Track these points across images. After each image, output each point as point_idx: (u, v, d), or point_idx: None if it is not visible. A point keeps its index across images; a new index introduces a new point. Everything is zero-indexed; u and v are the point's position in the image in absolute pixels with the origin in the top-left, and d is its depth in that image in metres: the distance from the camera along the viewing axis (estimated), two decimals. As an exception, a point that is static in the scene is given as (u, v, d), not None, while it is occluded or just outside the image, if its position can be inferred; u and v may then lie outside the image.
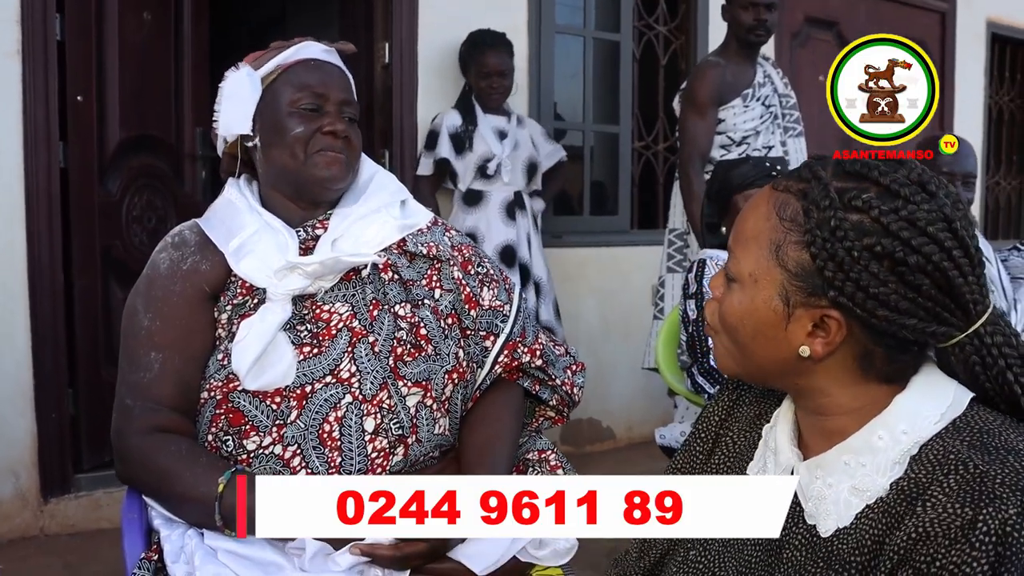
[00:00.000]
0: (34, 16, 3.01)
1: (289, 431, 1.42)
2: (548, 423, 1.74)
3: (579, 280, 4.38)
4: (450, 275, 1.60)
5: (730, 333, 1.02)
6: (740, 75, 3.52)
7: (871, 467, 0.95)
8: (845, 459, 0.97)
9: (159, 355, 1.45)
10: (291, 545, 1.35)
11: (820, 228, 0.92)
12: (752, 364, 1.02)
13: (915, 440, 0.94)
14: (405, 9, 3.85)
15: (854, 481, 0.96)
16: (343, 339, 1.47)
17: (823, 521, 0.97)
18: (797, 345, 0.96)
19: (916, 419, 0.95)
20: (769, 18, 3.45)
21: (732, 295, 1.01)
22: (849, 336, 0.95)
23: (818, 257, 0.92)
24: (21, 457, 3.07)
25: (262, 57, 1.57)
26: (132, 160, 3.44)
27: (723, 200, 2.51)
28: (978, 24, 6.14)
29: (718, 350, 1.06)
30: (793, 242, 0.95)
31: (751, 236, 0.99)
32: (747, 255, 0.99)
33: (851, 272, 0.91)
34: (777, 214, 0.97)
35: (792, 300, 0.95)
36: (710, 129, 3.47)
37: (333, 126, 1.52)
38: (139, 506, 1.49)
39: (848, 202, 0.93)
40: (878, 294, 0.91)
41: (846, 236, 0.91)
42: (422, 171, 3.68)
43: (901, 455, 0.94)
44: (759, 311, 0.98)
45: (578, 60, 4.58)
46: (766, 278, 0.97)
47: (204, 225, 1.56)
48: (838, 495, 0.97)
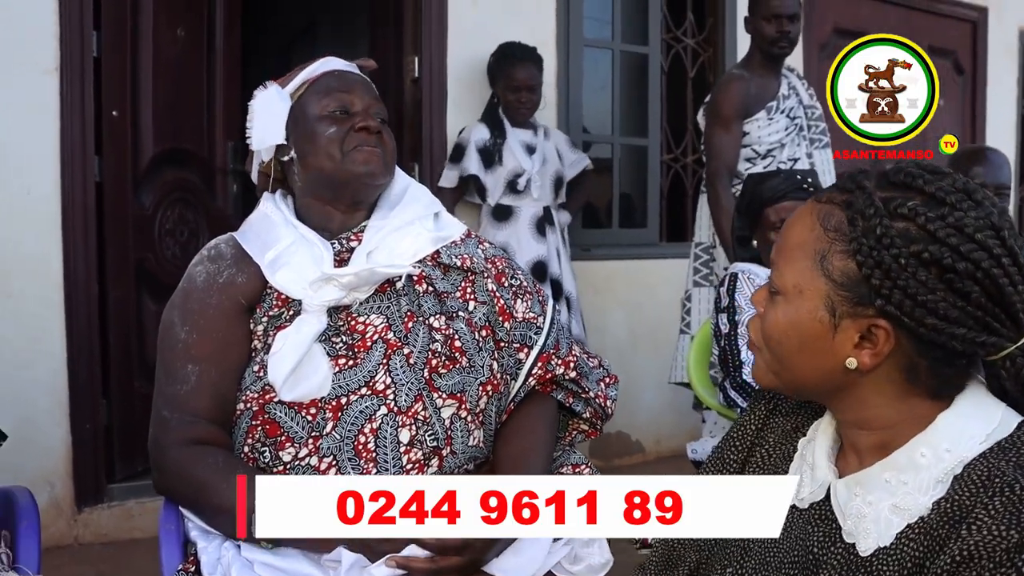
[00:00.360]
0: (71, 33, 3.07)
1: (325, 442, 1.42)
2: (581, 436, 1.74)
3: (607, 293, 4.37)
4: (484, 287, 1.60)
5: (774, 348, 1.01)
6: (765, 87, 3.50)
7: (913, 485, 0.94)
8: (886, 476, 0.96)
9: (196, 367, 1.47)
10: (327, 558, 1.36)
11: (866, 236, 0.92)
12: (795, 379, 1.01)
13: (959, 459, 0.92)
14: (435, 23, 3.87)
15: (895, 499, 0.94)
16: (378, 351, 1.47)
17: (863, 540, 0.95)
18: (843, 357, 0.95)
19: (960, 438, 0.93)
20: (792, 30, 3.44)
21: (776, 308, 1.00)
22: (896, 347, 0.93)
23: (864, 265, 0.92)
24: (56, 467, 3.10)
25: (287, 77, 1.63)
26: (165, 174, 3.49)
27: (754, 213, 2.50)
28: (1010, 34, 6.09)
29: (759, 367, 1.05)
30: (838, 251, 0.94)
31: (795, 247, 0.98)
32: (791, 267, 0.98)
33: (898, 279, 0.90)
34: (821, 224, 0.96)
35: (838, 311, 0.94)
36: (736, 142, 3.46)
37: (365, 122, 1.55)
38: (176, 517, 1.50)
39: (894, 210, 0.92)
40: (926, 302, 0.90)
41: (892, 243, 0.90)
42: (445, 183, 3.66)
43: (944, 474, 0.92)
44: (804, 323, 0.97)
45: (606, 73, 4.59)
46: (811, 289, 0.96)
47: (240, 238, 1.57)
48: (878, 513, 0.95)
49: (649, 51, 4.61)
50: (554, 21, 4.22)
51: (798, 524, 1.03)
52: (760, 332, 1.03)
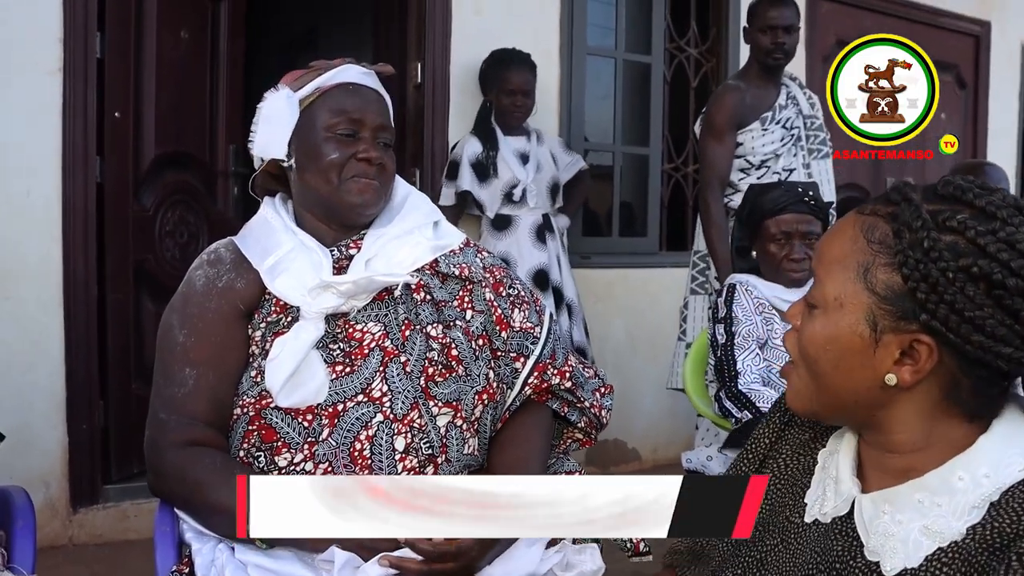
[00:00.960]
0: (75, 34, 3.07)
1: (320, 448, 1.43)
2: (576, 445, 1.75)
3: (607, 301, 4.38)
4: (482, 296, 1.61)
5: (810, 363, 0.98)
6: (761, 98, 3.51)
7: (947, 508, 0.91)
8: (919, 497, 0.93)
9: (194, 371, 1.48)
10: (320, 558, 1.36)
11: (913, 248, 0.89)
12: (830, 397, 0.98)
13: (996, 486, 0.89)
14: (438, 30, 3.88)
15: (926, 521, 0.91)
16: (375, 358, 1.48)
17: (888, 559, 0.92)
18: (883, 373, 0.92)
19: (1000, 464, 0.90)
20: (787, 41, 3.46)
21: (814, 322, 0.97)
22: (938, 365, 0.91)
23: (910, 279, 0.89)
24: (52, 467, 3.11)
25: (302, 78, 1.59)
26: (166, 176, 3.49)
27: (754, 224, 2.51)
28: (1012, 47, 6.10)
29: (794, 389, 1.02)
30: (883, 264, 0.92)
31: (836, 259, 0.96)
32: (832, 279, 0.96)
33: (945, 294, 0.87)
34: (865, 236, 0.94)
35: (880, 325, 0.92)
36: (729, 153, 3.47)
37: (368, 153, 1.53)
38: (171, 519, 1.51)
39: (942, 223, 0.89)
40: (973, 318, 0.87)
41: (940, 256, 0.87)
42: (444, 201, 3.64)
43: (981, 500, 0.89)
44: (844, 337, 0.94)
45: (609, 82, 4.60)
46: (853, 302, 0.93)
47: (240, 243, 1.58)
48: (908, 534, 0.92)
49: (652, 60, 4.62)
50: (558, 29, 4.23)
51: (819, 538, 1.01)
52: (796, 347, 1.01)
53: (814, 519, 1.03)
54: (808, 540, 1.02)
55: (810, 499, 1.05)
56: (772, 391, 2.31)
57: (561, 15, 4.23)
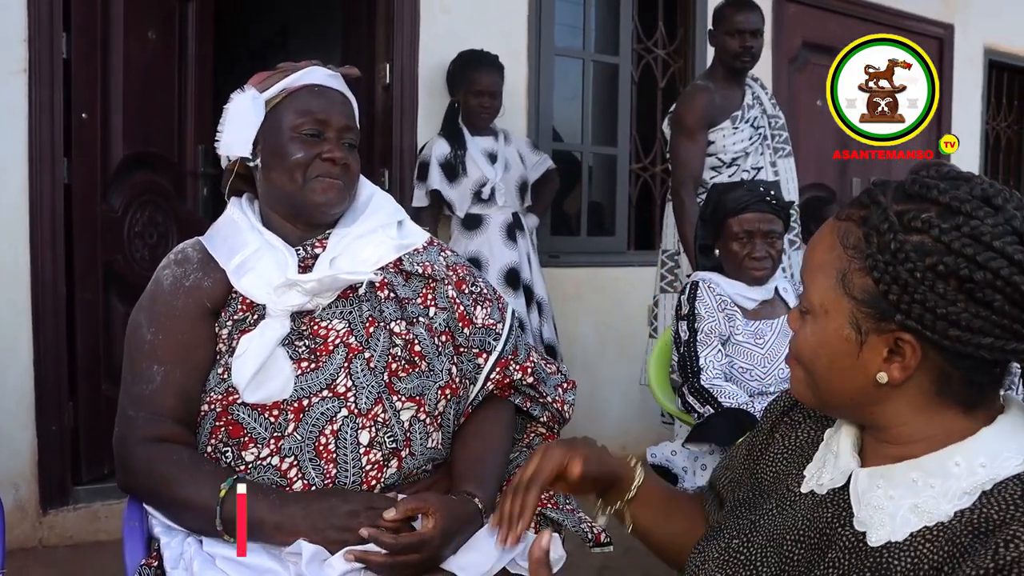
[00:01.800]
0: (41, 35, 3.06)
1: (286, 443, 1.45)
2: (539, 439, 1.78)
3: (576, 300, 4.41)
4: (444, 294, 1.64)
5: (807, 366, 1.02)
6: (729, 98, 3.57)
7: (939, 491, 0.94)
8: (914, 476, 0.96)
9: (161, 368, 1.49)
10: (287, 551, 1.39)
11: (881, 252, 0.92)
12: (830, 395, 1.02)
13: (991, 476, 0.92)
14: (407, 31, 3.90)
15: (918, 500, 0.94)
16: (340, 355, 1.51)
17: (875, 531, 0.96)
18: (874, 372, 0.96)
19: (997, 456, 0.93)
20: (754, 45, 3.52)
21: (806, 328, 1.01)
22: (924, 360, 0.94)
23: (881, 281, 0.92)
24: (21, 469, 3.10)
25: (268, 79, 1.61)
26: (135, 176, 3.49)
27: (717, 223, 2.55)
28: (975, 50, 6.20)
29: (797, 381, 1.06)
30: (856, 269, 0.95)
31: (818, 267, 1.00)
32: (816, 286, 0.99)
33: (916, 294, 0.90)
34: (840, 243, 0.97)
35: (863, 327, 0.95)
36: (701, 152, 3.52)
37: (332, 153, 1.56)
38: (140, 514, 1.53)
39: (908, 223, 0.92)
40: (947, 314, 0.90)
41: (907, 258, 0.90)
42: (416, 203, 3.65)
43: (973, 487, 0.92)
44: (832, 341, 0.98)
45: (577, 82, 4.64)
46: (836, 307, 0.97)
47: (206, 243, 1.60)
48: (897, 509, 0.95)
49: (620, 61, 4.66)
50: (526, 30, 4.26)
51: (811, 507, 1.05)
52: (794, 351, 1.05)
53: (810, 490, 1.07)
54: (801, 508, 1.06)
55: (809, 471, 1.09)
56: (734, 387, 2.35)
57: (529, 16, 4.26)
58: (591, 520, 1.60)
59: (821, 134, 5.29)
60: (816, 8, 5.36)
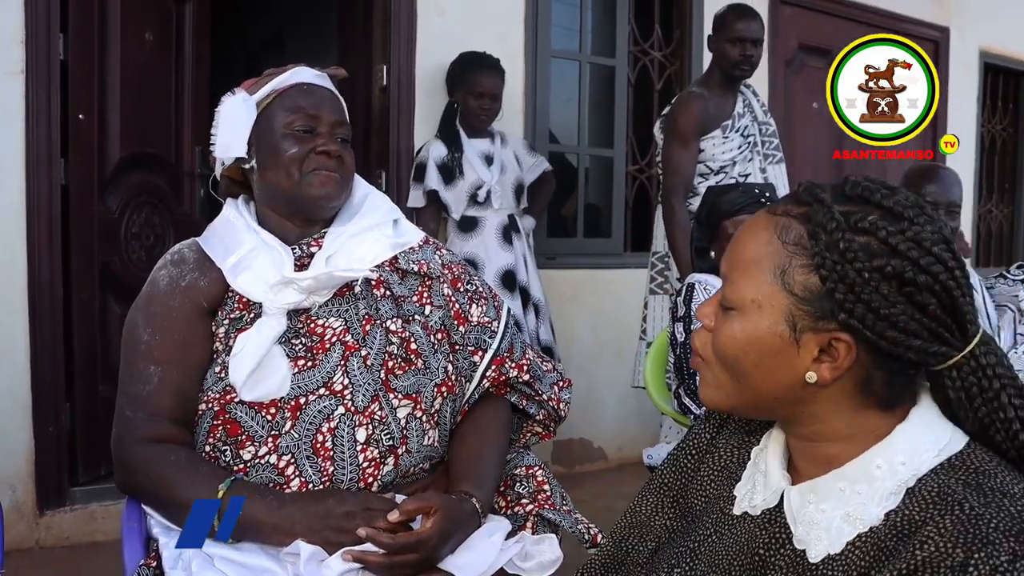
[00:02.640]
0: (38, 35, 3.06)
1: (284, 441, 1.46)
2: (535, 438, 1.79)
3: (573, 302, 4.41)
4: (440, 292, 1.65)
5: (728, 363, 0.99)
6: (721, 106, 3.58)
7: (867, 495, 0.94)
8: (840, 486, 0.96)
9: (158, 368, 1.50)
10: (285, 551, 1.39)
11: (829, 250, 0.91)
12: (749, 394, 0.99)
13: (912, 472, 0.93)
14: (403, 33, 3.90)
15: (848, 508, 0.95)
16: (336, 353, 1.51)
17: (813, 546, 0.96)
18: (803, 371, 0.95)
19: (914, 452, 0.94)
20: (755, 54, 3.52)
21: (731, 323, 0.98)
22: (854, 360, 0.94)
23: (828, 279, 0.91)
24: (18, 470, 3.09)
25: (257, 83, 1.64)
26: (131, 177, 3.49)
27: (712, 225, 2.56)
28: (971, 53, 6.22)
29: (706, 382, 1.03)
30: (799, 266, 0.93)
31: (751, 261, 0.97)
32: (748, 281, 0.97)
33: (862, 294, 0.90)
34: (779, 238, 0.95)
35: (799, 325, 0.94)
36: (693, 159, 3.53)
37: (327, 146, 1.57)
38: (138, 514, 1.53)
39: (854, 224, 0.92)
40: (888, 315, 0.90)
41: (856, 257, 0.90)
42: (412, 203, 3.64)
43: (897, 486, 0.93)
44: (764, 338, 0.96)
45: (574, 84, 4.64)
46: (771, 303, 0.95)
47: (203, 243, 1.61)
48: (831, 521, 0.95)
49: (616, 63, 4.67)
50: (523, 32, 4.26)
51: (748, 529, 1.04)
52: (710, 347, 1.01)
53: (743, 511, 1.06)
54: (737, 532, 1.05)
55: (739, 492, 1.08)
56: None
57: (526, 18, 4.27)
58: (587, 521, 1.61)
59: (817, 136, 5.30)
60: (812, 11, 5.37)
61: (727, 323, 0.99)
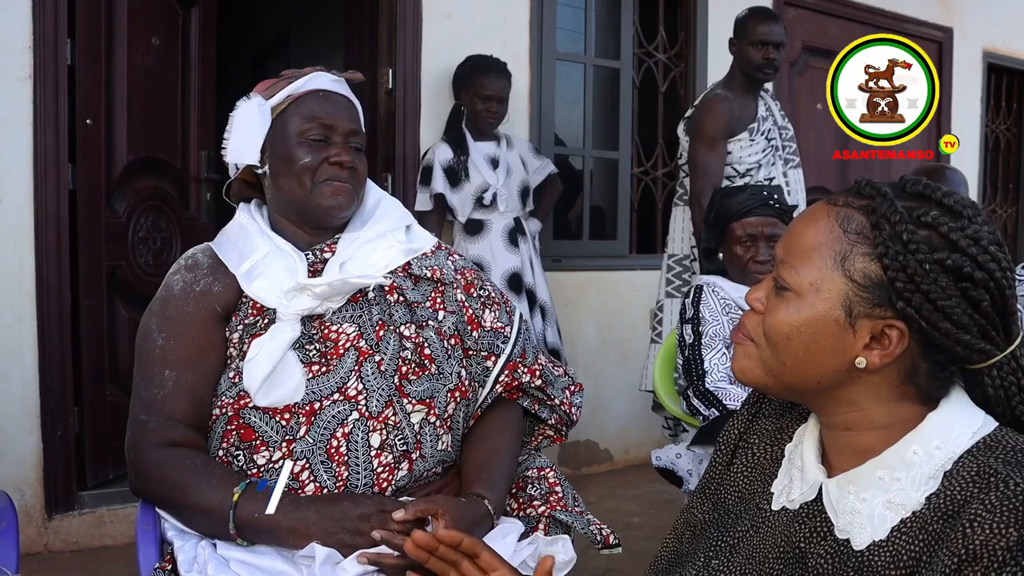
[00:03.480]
0: (45, 41, 3.07)
1: (298, 446, 1.47)
2: (547, 442, 1.80)
3: (578, 304, 4.42)
4: (453, 297, 1.65)
5: (779, 344, 1.02)
6: (745, 109, 3.57)
7: (906, 481, 0.97)
8: (879, 474, 0.98)
9: (173, 373, 1.50)
10: (300, 554, 1.40)
11: (892, 241, 0.95)
12: (793, 376, 1.02)
13: (948, 455, 0.95)
14: (409, 36, 3.91)
15: (889, 495, 0.97)
16: (350, 358, 1.52)
17: (857, 535, 0.98)
18: (853, 356, 0.98)
19: (949, 436, 0.97)
20: (777, 57, 3.52)
21: (787, 306, 1.01)
22: (904, 349, 0.97)
23: (890, 268, 0.95)
24: (26, 475, 3.10)
25: (273, 86, 1.62)
26: (139, 182, 3.49)
27: (720, 227, 2.56)
28: (974, 54, 6.22)
29: (748, 358, 1.06)
30: (861, 254, 0.97)
31: (811, 247, 1.00)
32: (807, 265, 1.00)
33: (921, 284, 0.93)
34: (841, 227, 0.99)
35: (855, 311, 0.97)
36: (721, 161, 3.52)
37: (340, 157, 1.57)
38: (153, 517, 1.54)
39: (917, 218, 0.95)
40: (944, 307, 0.93)
41: (918, 249, 0.93)
42: (419, 207, 3.66)
43: (935, 470, 0.95)
44: (819, 320, 0.98)
45: (579, 87, 4.65)
46: (829, 288, 0.98)
47: (216, 248, 1.61)
48: (872, 509, 0.98)
49: (621, 65, 4.67)
50: (528, 35, 4.27)
51: (786, 523, 1.06)
52: (760, 328, 1.04)
53: (782, 506, 1.08)
54: (776, 526, 1.07)
55: (776, 488, 1.10)
56: (739, 389, 2.36)
57: (531, 21, 4.28)
58: (600, 523, 1.61)
59: (821, 137, 5.31)
60: (816, 12, 5.38)
61: (782, 304, 1.02)
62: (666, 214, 4.84)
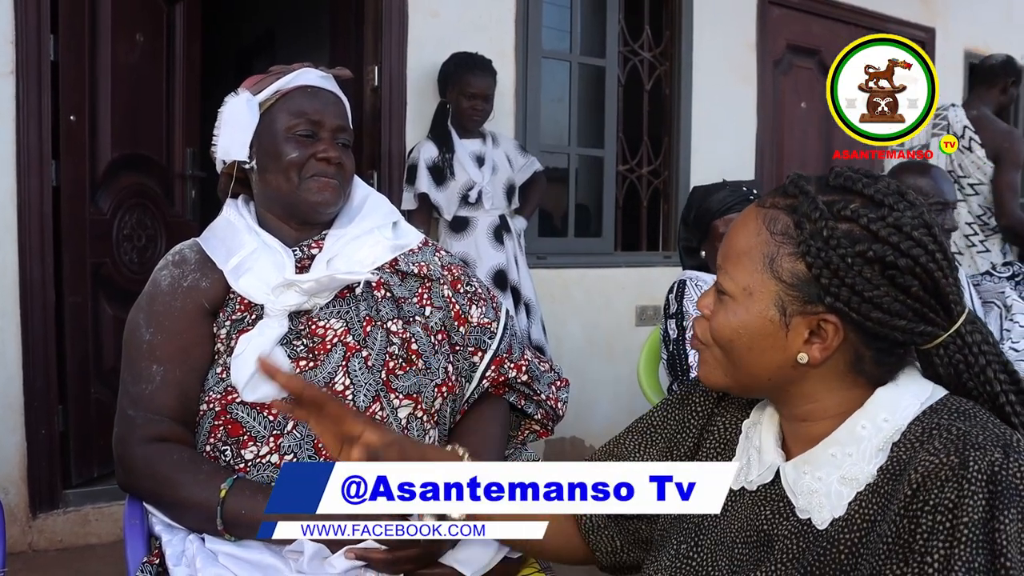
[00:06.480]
0: (28, 36, 3.05)
1: (285, 441, 1.47)
2: (533, 436, 1.81)
3: (563, 301, 4.43)
4: (440, 293, 1.66)
5: (724, 347, 1.06)
6: None
7: (857, 456, 1.00)
8: (832, 451, 1.02)
9: (160, 368, 1.51)
10: (288, 548, 1.40)
11: (813, 238, 0.98)
12: (745, 375, 1.06)
13: (896, 427, 0.99)
14: (394, 33, 3.91)
15: (842, 471, 1.00)
16: (337, 353, 1.52)
17: (817, 513, 1.01)
18: (795, 352, 1.01)
19: (896, 408, 1.00)
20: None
21: (726, 310, 1.05)
22: (843, 341, 1.00)
23: (813, 266, 0.98)
24: (10, 473, 3.09)
25: (261, 82, 1.63)
26: (123, 179, 3.48)
27: (702, 225, 2.57)
28: (956, 54, 6.26)
29: (706, 363, 1.10)
30: (786, 254, 1.00)
31: (743, 252, 1.03)
32: (740, 270, 1.03)
33: (846, 277, 0.96)
34: (767, 229, 1.02)
35: (788, 309, 1.00)
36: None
37: (327, 152, 1.58)
38: (140, 512, 1.54)
39: (837, 212, 0.98)
40: (872, 297, 0.96)
41: (839, 244, 0.96)
42: (405, 206, 3.66)
43: (884, 442, 0.99)
44: (755, 323, 1.02)
45: (564, 84, 4.65)
46: (761, 290, 1.01)
47: (204, 244, 1.61)
48: (828, 487, 1.01)
49: (606, 63, 4.68)
50: (513, 32, 4.28)
51: (747, 505, 1.09)
52: (709, 333, 1.07)
53: (740, 487, 1.11)
54: (738, 507, 1.10)
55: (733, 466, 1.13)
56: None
57: (516, 19, 4.28)
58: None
59: (806, 136, 5.34)
60: (800, 11, 5.40)
61: (722, 310, 1.06)
62: (651, 212, 4.87)
